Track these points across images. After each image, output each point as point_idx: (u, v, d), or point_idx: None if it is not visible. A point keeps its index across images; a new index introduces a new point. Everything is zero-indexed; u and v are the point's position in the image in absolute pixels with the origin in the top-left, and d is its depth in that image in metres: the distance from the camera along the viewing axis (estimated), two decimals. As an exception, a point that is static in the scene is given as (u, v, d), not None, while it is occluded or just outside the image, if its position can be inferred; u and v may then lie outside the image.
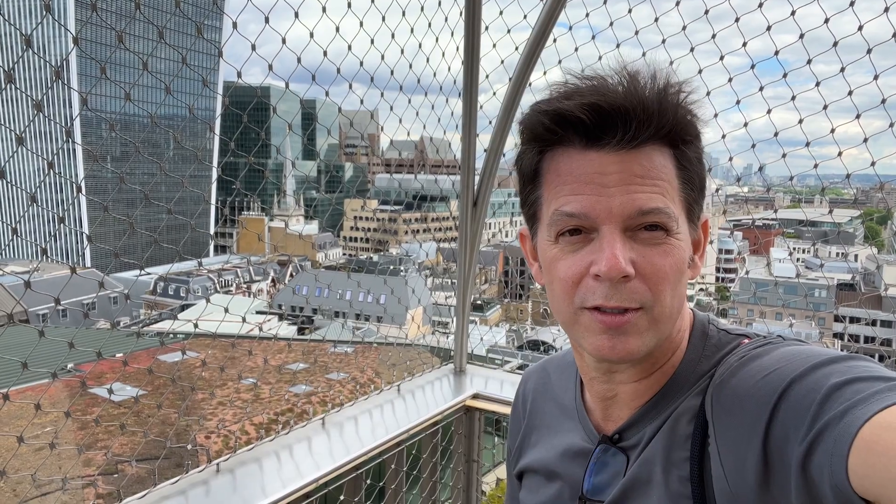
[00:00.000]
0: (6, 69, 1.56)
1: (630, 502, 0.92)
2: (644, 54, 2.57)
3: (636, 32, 2.57)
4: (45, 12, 1.64)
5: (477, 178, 3.03)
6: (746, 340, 0.92)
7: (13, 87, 1.57)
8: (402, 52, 2.62)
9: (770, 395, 0.77)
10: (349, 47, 2.40)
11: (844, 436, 0.66)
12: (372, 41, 2.47)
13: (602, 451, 0.99)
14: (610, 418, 1.01)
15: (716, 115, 2.19)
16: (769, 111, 2.34)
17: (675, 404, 0.91)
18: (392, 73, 2.63)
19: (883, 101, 2.19)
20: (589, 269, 0.86)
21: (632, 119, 0.84)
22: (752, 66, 2.37)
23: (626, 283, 0.84)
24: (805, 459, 0.69)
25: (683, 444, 0.88)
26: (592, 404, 1.04)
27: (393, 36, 2.54)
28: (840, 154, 2.34)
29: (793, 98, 2.34)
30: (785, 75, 2.35)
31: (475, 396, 3.04)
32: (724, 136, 2.35)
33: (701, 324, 0.97)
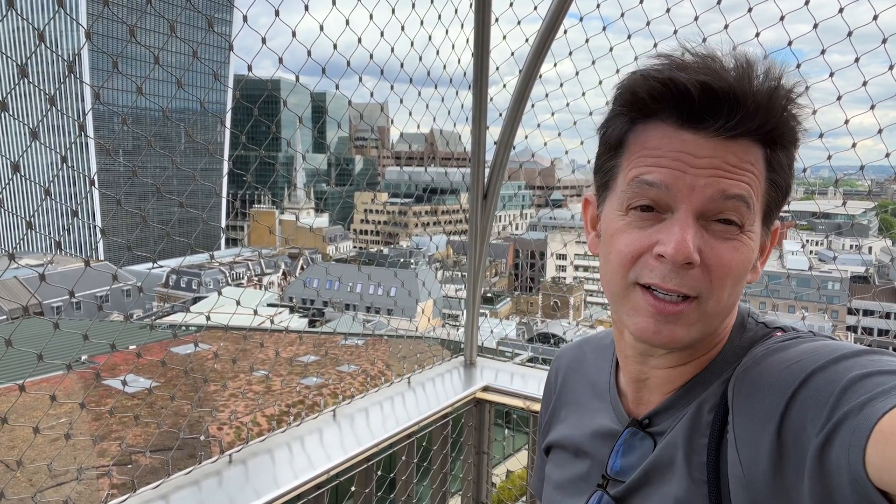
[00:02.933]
0: (20, 64, 1.57)
1: (650, 484, 0.94)
2: (656, 45, 2.55)
3: (647, 23, 2.55)
4: (57, 7, 1.65)
5: (487, 171, 3.02)
6: (780, 333, 0.92)
7: (27, 81, 1.58)
8: (412, 44, 2.62)
9: (789, 384, 0.77)
10: (359, 40, 2.40)
11: (863, 427, 0.65)
12: (382, 34, 2.46)
13: (630, 435, 1.00)
14: (641, 402, 1.02)
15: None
16: (782, 102, 2.31)
17: (704, 392, 0.93)
18: (402, 65, 2.63)
19: (898, 92, 2.17)
20: (652, 248, 0.85)
21: (738, 108, 0.82)
22: (765, 57, 2.34)
23: (687, 270, 0.83)
24: (822, 450, 0.69)
25: (704, 430, 0.89)
26: (625, 386, 1.05)
27: (403, 28, 2.53)
28: (854, 145, 2.31)
29: (806, 88, 2.30)
30: (798, 65, 2.32)
31: (485, 389, 3.05)
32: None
33: (741, 316, 0.97)
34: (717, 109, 0.82)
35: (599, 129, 0.96)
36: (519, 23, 2.77)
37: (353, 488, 2.48)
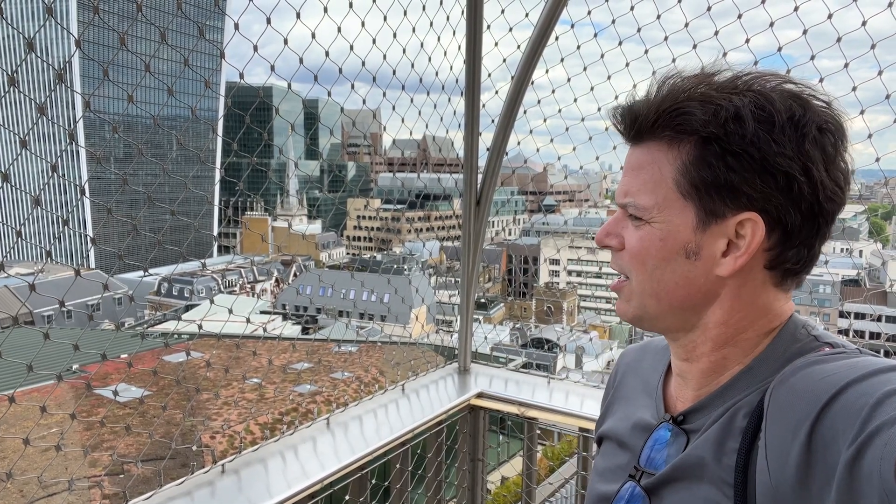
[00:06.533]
0: (9, 72, 1.56)
1: (679, 481, 0.96)
2: (647, 51, 2.57)
3: (638, 30, 2.56)
4: (47, 15, 1.64)
5: (480, 177, 3.03)
6: (828, 349, 0.92)
7: (16, 90, 1.57)
8: (404, 51, 2.62)
9: (822, 394, 0.78)
10: (351, 47, 2.40)
11: (895, 440, 0.66)
12: (374, 41, 2.46)
13: (665, 430, 1.03)
14: (680, 399, 1.06)
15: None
16: (773, 107, 2.32)
17: (740, 397, 0.94)
18: (394, 72, 2.63)
19: (887, 97, 2.18)
20: None
21: (635, 116, 0.98)
22: (756, 63, 2.36)
23: (617, 253, 1.03)
24: (853, 462, 0.69)
25: (737, 435, 0.90)
26: (673, 385, 1.10)
27: (395, 35, 2.53)
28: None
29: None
30: (788, 71, 2.33)
31: (480, 395, 3.04)
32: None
33: (794, 326, 0.97)
34: (628, 123, 1.00)
35: None
36: (511, 29, 2.78)
37: (347, 497, 2.46)
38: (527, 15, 2.69)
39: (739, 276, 0.94)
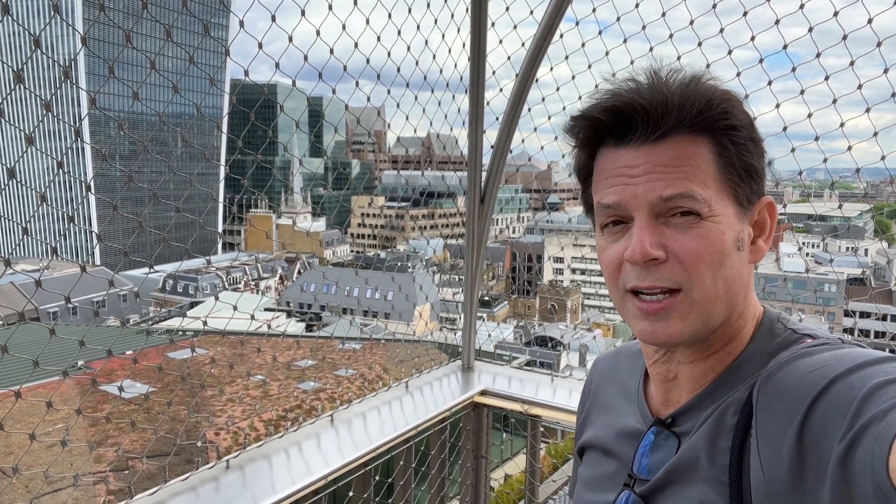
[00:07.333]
0: (15, 69, 1.57)
1: (674, 485, 0.95)
2: (651, 49, 2.57)
3: (643, 27, 2.55)
4: (53, 12, 1.65)
5: (484, 175, 3.03)
6: (809, 340, 0.93)
7: (22, 87, 1.58)
8: (409, 48, 2.62)
9: (811, 389, 0.78)
10: (356, 45, 2.40)
11: (885, 435, 0.66)
12: (378, 38, 2.47)
13: (655, 434, 1.02)
14: (669, 402, 1.03)
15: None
16: (778, 105, 2.33)
17: (729, 394, 0.93)
18: (398, 69, 2.63)
19: (893, 95, 2.17)
20: (624, 255, 0.93)
21: (650, 114, 0.90)
22: (761, 61, 2.35)
23: (658, 266, 0.90)
24: (845, 457, 0.69)
25: (728, 433, 0.90)
26: (654, 389, 1.08)
27: (399, 33, 2.53)
28: (850, 148, 2.32)
29: (802, 92, 2.32)
30: (794, 69, 2.33)
31: (483, 393, 3.05)
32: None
33: (770, 321, 0.98)
34: (632, 123, 0.92)
35: (572, 165, 1.07)
36: (515, 27, 2.77)
37: (350, 494, 2.47)
38: (531, 12, 2.68)
39: (750, 265, 0.97)
